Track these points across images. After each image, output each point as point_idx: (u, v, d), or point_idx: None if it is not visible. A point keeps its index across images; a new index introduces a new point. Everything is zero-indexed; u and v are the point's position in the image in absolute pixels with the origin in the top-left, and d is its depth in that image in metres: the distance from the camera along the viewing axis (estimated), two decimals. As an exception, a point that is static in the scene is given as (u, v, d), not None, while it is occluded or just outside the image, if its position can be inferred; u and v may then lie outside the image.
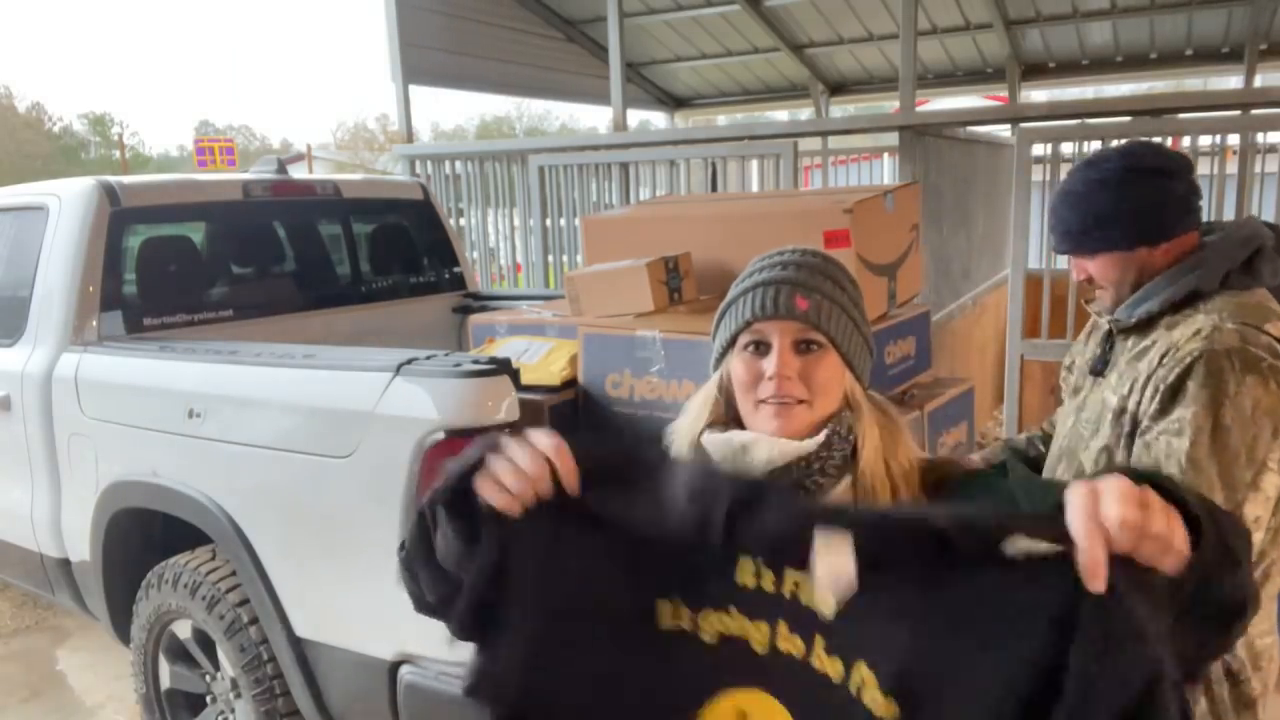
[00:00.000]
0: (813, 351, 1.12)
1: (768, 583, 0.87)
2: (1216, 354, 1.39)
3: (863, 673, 0.83)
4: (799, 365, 1.11)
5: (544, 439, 0.92)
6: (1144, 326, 1.55)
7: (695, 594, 0.90)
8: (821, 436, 1.10)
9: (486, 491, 0.90)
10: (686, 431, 1.19)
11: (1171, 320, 1.51)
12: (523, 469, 0.90)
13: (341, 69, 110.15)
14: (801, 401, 1.11)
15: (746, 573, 0.88)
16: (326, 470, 2.14)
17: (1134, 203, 1.53)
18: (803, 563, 0.84)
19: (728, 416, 1.18)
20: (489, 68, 7.11)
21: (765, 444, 1.11)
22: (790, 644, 0.86)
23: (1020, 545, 0.79)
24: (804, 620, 0.85)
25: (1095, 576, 0.72)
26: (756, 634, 0.88)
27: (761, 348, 1.13)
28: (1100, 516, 0.73)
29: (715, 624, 0.89)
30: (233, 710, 2.53)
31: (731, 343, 1.16)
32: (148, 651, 2.72)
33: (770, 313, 1.11)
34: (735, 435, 1.14)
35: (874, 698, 0.82)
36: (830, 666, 0.84)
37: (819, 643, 0.85)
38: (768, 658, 0.87)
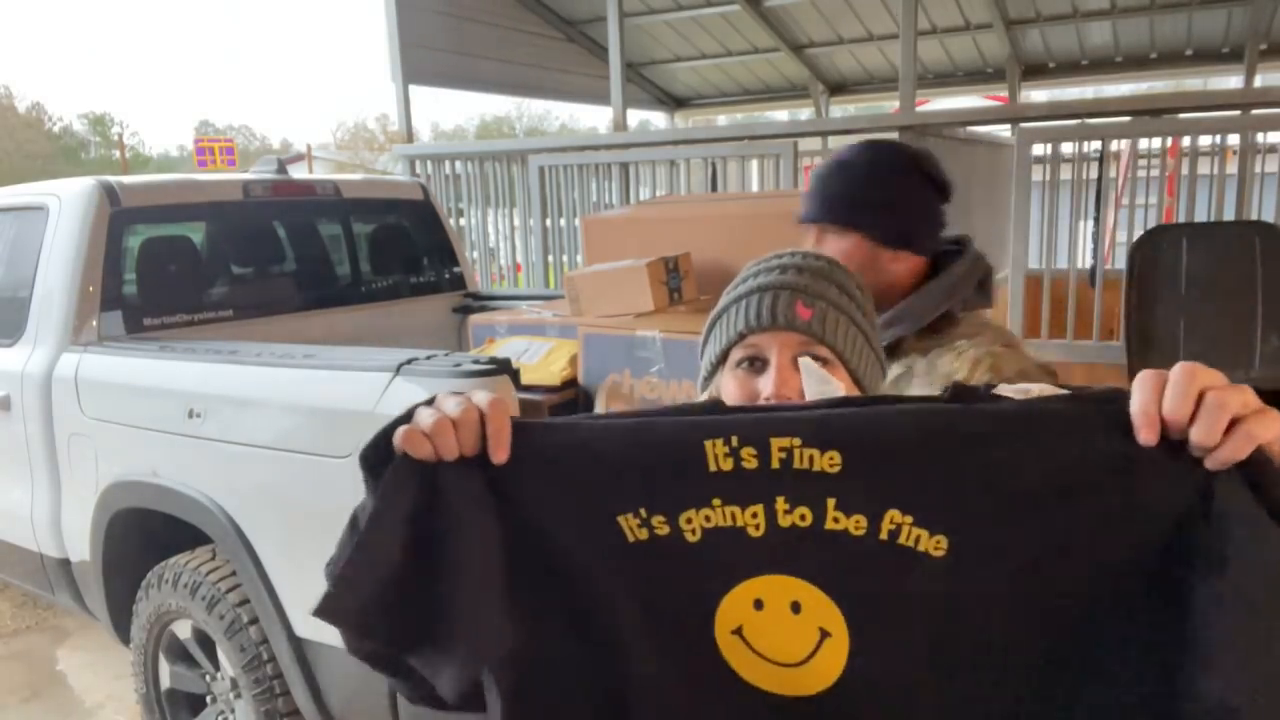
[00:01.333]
0: None
1: (749, 459, 0.77)
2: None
3: (896, 519, 0.75)
4: (800, 384, 0.96)
5: (481, 395, 0.80)
6: (890, 352, 1.40)
7: (666, 499, 0.79)
8: None
9: (401, 440, 0.77)
10: None
11: (923, 345, 1.40)
12: (447, 414, 0.77)
13: (341, 69, 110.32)
14: None
15: (720, 457, 0.77)
16: (327, 470, 2.14)
17: (906, 200, 1.43)
18: (787, 427, 0.76)
19: None
20: (489, 68, 7.10)
21: None
22: (794, 517, 0.77)
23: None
24: (806, 488, 0.76)
25: (1146, 424, 0.67)
26: (750, 520, 0.78)
27: (757, 364, 0.98)
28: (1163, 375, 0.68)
29: (699, 521, 0.79)
30: (233, 710, 2.53)
31: (723, 358, 1.01)
32: (148, 651, 2.72)
33: (767, 323, 0.96)
34: None
35: (915, 535, 0.75)
36: (850, 523, 0.76)
37: (830, 505, 0.76)
38: (768, 538, 0.78)
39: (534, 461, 0.81)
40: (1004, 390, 0.78)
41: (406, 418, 0.80)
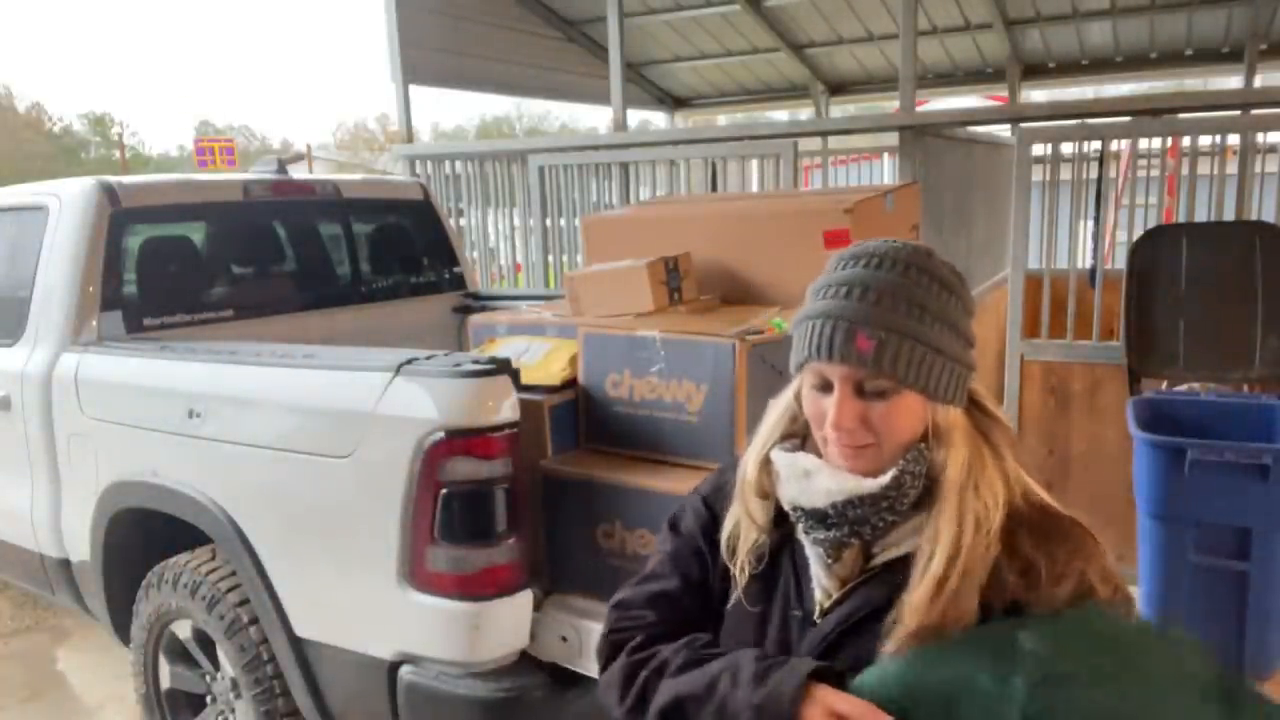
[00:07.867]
0: (878, 397, 1.00)
1: None
2: None
3: None
4: (861, 410, 1.00)
5: None
6: None
7: None
8: (888, 477, 1.01)
9: None
10: (760, 443, 1.12)
11: None
12: None
13: (341, 69, 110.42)
14: (869, 445, 1.02)
15: None
16: (326, 470, 2.14)
17: None
18: None
19: (804, 431, 1.11)
20: (489, 68, 7.10)
21: (828, 474, 1.04)
22: None
23: None
24: None
25: None
26: None
27: (827, 386, 1.02)
28: None
29: None
30: (233, 710, 2.53)
31: (800, 367, 1.06)
32: (148, 651, 2.72)
33: (826, 355, 0.99)
34: (800, 459, 1.07)
35: None
36: None
37: None
38: None
39: None
40: None
41: None
